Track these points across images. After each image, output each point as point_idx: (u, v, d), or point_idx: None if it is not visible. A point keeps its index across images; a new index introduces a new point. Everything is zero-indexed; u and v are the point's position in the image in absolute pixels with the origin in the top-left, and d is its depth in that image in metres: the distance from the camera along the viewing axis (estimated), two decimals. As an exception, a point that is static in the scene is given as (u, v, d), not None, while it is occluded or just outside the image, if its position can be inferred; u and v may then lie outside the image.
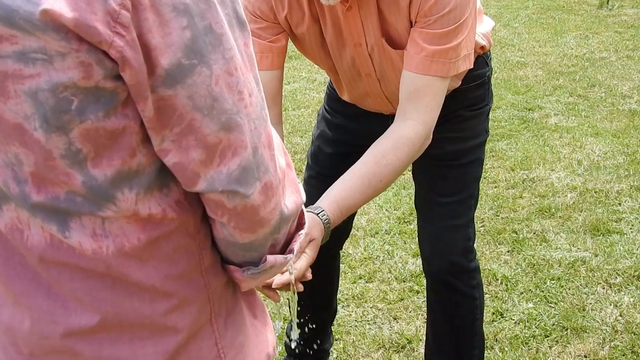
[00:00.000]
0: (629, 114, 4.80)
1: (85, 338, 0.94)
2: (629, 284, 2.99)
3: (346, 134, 2.14)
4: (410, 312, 2.86)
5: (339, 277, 2.50)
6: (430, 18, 1.68)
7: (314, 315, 2.23)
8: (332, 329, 2.59)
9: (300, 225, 1.05)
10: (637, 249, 3.23)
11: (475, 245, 2.18)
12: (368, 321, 2.82)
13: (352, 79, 1.94)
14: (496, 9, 7.72)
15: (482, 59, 2.02)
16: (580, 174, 3.98)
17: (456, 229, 2.08)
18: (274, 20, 1.82)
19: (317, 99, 5.23)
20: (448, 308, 2.19)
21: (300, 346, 2.42)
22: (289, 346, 2.47)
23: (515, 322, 2.78)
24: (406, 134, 1.73)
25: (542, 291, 2.96)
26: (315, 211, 1.63)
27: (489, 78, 2.09)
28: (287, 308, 1.54)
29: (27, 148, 0.83)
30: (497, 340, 2.68)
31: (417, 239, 2.21)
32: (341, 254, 2.70)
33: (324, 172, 2.16)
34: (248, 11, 1.80)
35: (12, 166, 0.86)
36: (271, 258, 1.01)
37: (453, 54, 1.71)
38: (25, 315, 0.94)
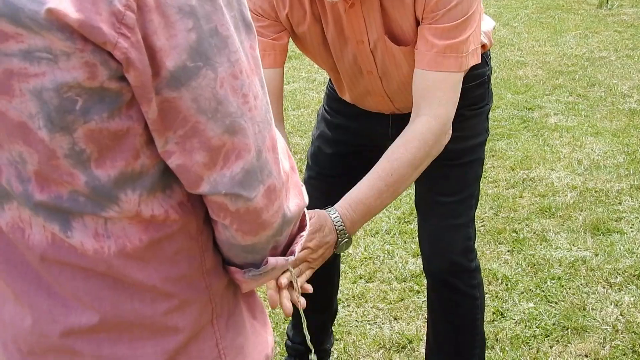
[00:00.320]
0: (628, 113, 4.80)
1: (85, 337, 0.93)
2: (629, 284, 2.99)
3: (346, 134, 2.14)
4: (410, 312, 2.85)
5: (339, 277, 2.50)
6: (437, 13, 1.68)
7: (314, 315, 2.23)
8: (333, 329, 2.59)
9: (302, 227, 1.05)
10: (638, 248, 3.23)
11: (476, 245, 2.18)
12: (368, 321, 2.82)
13: (354, 77, 1.94)
14: (496, 8, 7.72)
15: (482, 58, 2.02)
16: (580, 173, 3.98)
17: (456, 228, 2.08)
18: (275, 18, 1.82)
19: (317, 99, 5.22)
20: (448, 308, 2.19)
21: (301, 346, 2.42)
22: (289, 346, 2.48)
23: (516, 321, 2.78)
24: (417, 129, 1.73)
25: (543, 291, 2.96)
26: (325, 210, 1.65)
27: (489, 77, 2.10)
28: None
29: (31, 147, 0.83)
30: (497, 339, 2.68)
31: (417, 238, 2.21)
32: (341, 254, 2.70)
33: (324, 172, 2.16)
34: (250, 9, 1.80)
35: (15, 165, 0.86)
36: (272, 260, 1.01)
37: (463, 47, 1.71)
38: (27, 313, 0.94)
